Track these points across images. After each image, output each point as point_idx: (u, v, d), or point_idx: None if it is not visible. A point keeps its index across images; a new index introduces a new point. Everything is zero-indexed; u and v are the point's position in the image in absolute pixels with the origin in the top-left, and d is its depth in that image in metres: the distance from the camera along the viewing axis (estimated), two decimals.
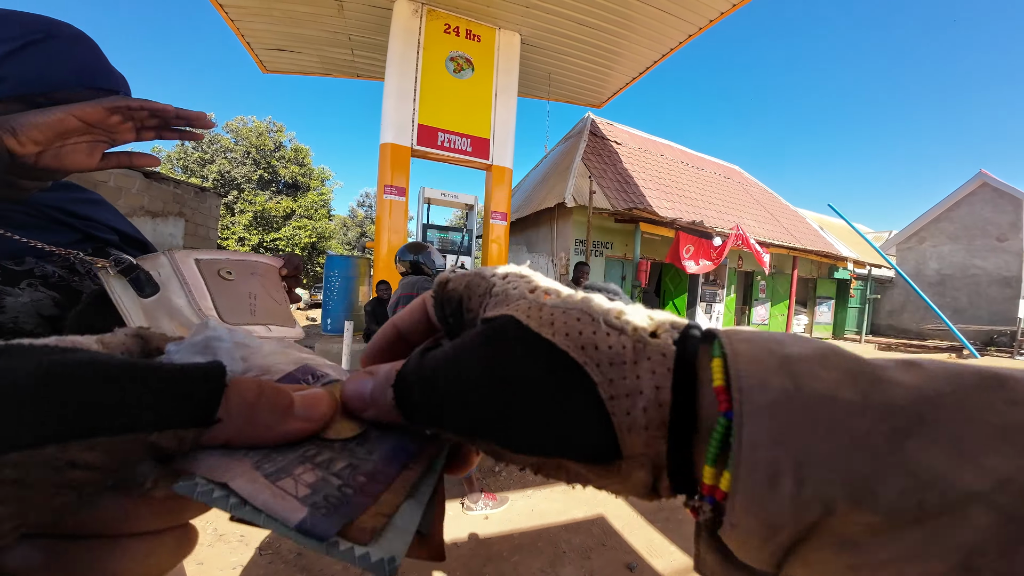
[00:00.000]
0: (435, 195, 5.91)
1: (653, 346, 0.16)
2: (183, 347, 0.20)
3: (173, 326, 0.51)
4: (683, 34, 5.81)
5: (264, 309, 0.60)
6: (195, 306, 0.52)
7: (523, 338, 0.17)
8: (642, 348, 0.16)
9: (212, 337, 0.20)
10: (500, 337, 0.17)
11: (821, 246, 10.53)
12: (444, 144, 5.60)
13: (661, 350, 0.16)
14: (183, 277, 0.52)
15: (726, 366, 0.15)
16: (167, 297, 0.52)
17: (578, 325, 0.17)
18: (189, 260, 0.54)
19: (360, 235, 26.88)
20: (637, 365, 0.15)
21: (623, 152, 9.09)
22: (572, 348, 0.16)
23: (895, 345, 11.02)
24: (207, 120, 0.55)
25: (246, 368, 0.21)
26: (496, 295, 0.20)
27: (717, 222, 8.31)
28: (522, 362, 0.17)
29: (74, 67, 0.51)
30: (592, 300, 0.18)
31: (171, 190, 7.16)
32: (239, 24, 5.75)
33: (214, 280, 0.55)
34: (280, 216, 18.07)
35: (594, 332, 0.16)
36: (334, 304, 6.61)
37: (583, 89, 7.53)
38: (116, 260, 0.51)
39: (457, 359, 0.18)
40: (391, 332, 0.24)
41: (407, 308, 0.24)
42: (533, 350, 0.17)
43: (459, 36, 5.68)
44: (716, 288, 8.02)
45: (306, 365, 0.23)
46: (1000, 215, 12.00)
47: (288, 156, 19.16)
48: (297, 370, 0.22)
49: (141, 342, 0.21)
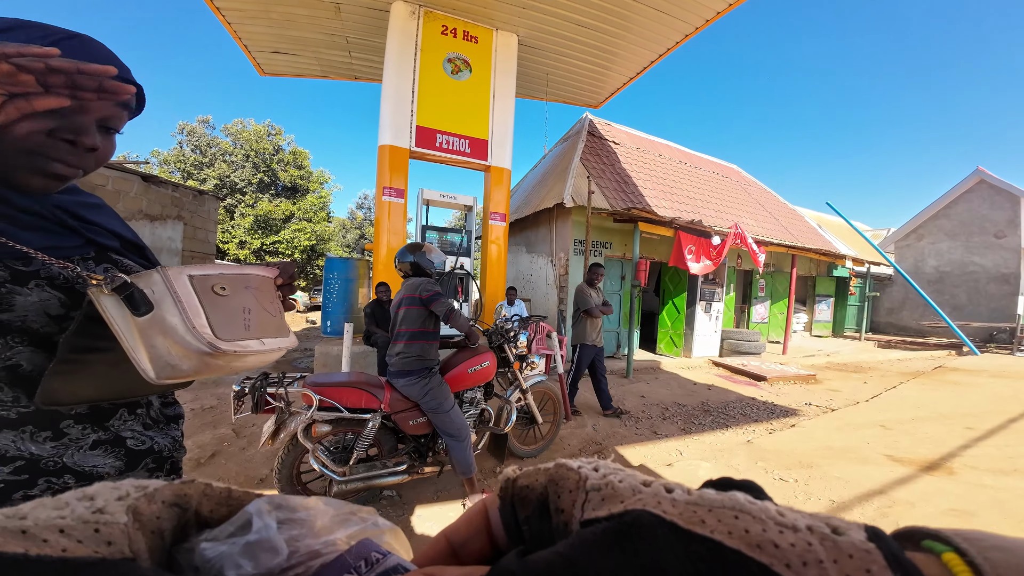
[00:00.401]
0: (434, 196, 5.91)
1: (848, 543, 0.13)
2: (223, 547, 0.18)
3: (167, 344, 0.51)
4: (680, 34, 5.82)
5: (258, 323, 0.60)
6: (189, 324, 0.51)
7: (673, 537, 0.14)
8: (833, 545, 0.13)
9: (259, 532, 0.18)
10: (639, 536, 0.14)
11: (820, 244, 10.55)
12: (442, 145, 5.61)
13: (862, 547, 0.13)
14: (177, 295, 0.52)
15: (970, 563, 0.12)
16: (161, 316, 0.51)
17: (739, 524, 0.14)
18: (183, 276, 0.54)
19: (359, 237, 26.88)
20: (839, 564, 0.13)
21: (621, 152, 9.10)
22: (746, 547, 0.13)
23: (895, 343, 11.03)
24: (108, 71, 0.51)
25: (292, 552, 0.19)
26: (598, 489, 0.17)
27: (716, 221, 8.31)
28: (682, 567, 0.13)
29: (103, 58, 0.54)
30: (737, 495, 0.15)
31: (169, 193, 7.16)
32: (236, 27, 5.75)
33: (208, 296, 0.55)
34: (280, 219, 18.07)
35: (763, 530, 0.14)
36: (334, 306, 6.61)
37: (581, 89, 7.55)
38: (110, 278, 0.51)
39: (578, 562, 0.14)
40: (443, 546, 0.20)
41: (463, 517, 0.20)
42: (692, 552, 0.13)
43: (456, 37, 5.68)
44: (715, 287, 8.02)
45: (363, 544, 0.21)
46: (998, 212, 12.03)
47: (287, 160, 19.16)
48: (350, 551, 0.20)
49: (177, 511, 0.18)
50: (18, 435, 0.53)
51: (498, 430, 2.58)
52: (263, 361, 0.61)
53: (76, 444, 0.57)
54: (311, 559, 0.19)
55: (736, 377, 6.47)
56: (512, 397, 2.69)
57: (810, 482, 2.70)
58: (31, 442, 0.54)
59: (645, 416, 4.24)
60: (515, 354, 2.69)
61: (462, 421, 2.20)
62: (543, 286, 7.97)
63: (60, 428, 0.56)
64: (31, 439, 0.54)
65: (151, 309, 0.51)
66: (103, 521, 0.15)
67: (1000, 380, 6.28)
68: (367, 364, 4.99)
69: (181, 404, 0.79)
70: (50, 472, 0.55)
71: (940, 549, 0.13)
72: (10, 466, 0.53)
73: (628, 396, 4.99)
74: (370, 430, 2.10)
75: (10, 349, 0.52)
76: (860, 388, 5.97)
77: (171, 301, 0.52)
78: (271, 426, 2.00)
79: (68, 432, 0.57)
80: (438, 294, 2.15)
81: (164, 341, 0.51)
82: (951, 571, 0.13)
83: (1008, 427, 3.85)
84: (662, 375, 6.41)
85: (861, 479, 2.74)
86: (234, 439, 3.20)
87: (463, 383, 2.38)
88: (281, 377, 2.00)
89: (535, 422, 2.92)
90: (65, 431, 0.57)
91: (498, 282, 6.08)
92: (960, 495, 2.55)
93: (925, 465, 3.04)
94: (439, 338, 2.26)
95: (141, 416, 0.66)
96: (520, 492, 0.19)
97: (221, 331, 0.54)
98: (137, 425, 0.65)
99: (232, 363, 0.56)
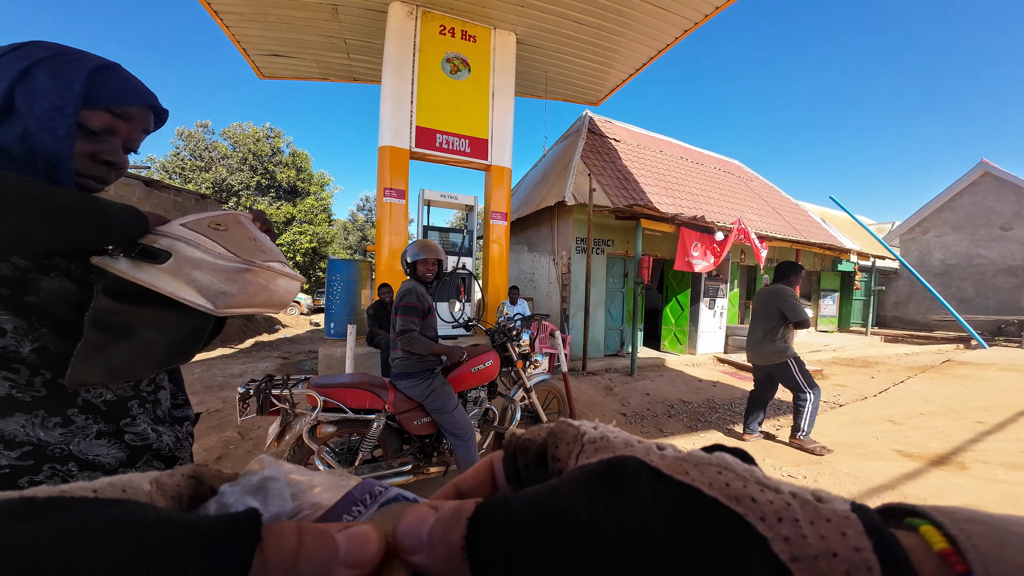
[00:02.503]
0: (435, 197, 5.90)
1: (828, 508, 0.14)
2: (237, 488, 0.20)
3: (206, 275, 0.54)
4: (679, 29, 5.79)
5: (268, 248, 0.63)
6: (215, 251, 0.54)
7: (655, 481, 0.14)
8: (813, 509, 0.13)
9: (267, 477, 0.20)
10: (623, 476, 0.15)
11: (824, 239, 10.48)
12: (442, 145, 5.60)
13: (842, 513, 0.13)
14: (183, 237, 0.54)
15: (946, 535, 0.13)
16: (184, 255, 0.53)
17: (721, 478, 0.14)
18: (175, 225, 0.55)
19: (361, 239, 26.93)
20: (815, 526, 0.13)
21: (622, 149, 9.07)
22: (724, 498, 0.14)
23: (901, 337, 10.95)
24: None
25: (297, 507, 0.20)
26: (593, 441, 0.18)
27: (718, 217, 8.27)
28: (659, 508, 0.14)
29: (136, 89, 0.63)
30: (726, 456, 0.16)
31: (171, 198, 7.19)
32: (235, 30, 5.77)
33: (211, 232, 0.56)
34: (281, 222, 18.10)
35: (744, 486, 0.14)
36: (336, 308, 6.61)
37: (580, 87, 7.52)
38: (111, 250, 0.54)
39: (563, 494, 0.15)
40: (451, 492, 0.21)
41: (471, 469, 0.22)
42: (671, 496, 0.14)
43: (455, 37, 5.67)
44: (719, 283, 7.97)
45: (367, 482, 0.22)
46: (1003, 204, 11.91)
47: (286, 161, 19.19)
48: (356, 488, 0.21)
49: (195, 482, 0.20)
50: (29, 420, 0.55)
51: (502, 429, 2.56)
52: (290, 289, 0.65)
53: (83, 432, 0.59)
54: (314, 512, 0.20)
55: (742, 374, 6.43)
56: (516, 396, 2.68)
57: (819, 478, 2.67)
58: (40, 428, 0.56)
59: (651, 414, 4.21)
60: (518, 353, 2.68)
61: (467, 421, 2.18)
62: (545, 285, 7.95)
63: (68, 415, 0.58)
64: (41, 425, 0.56)
65: (169, 255, 0.53)
66: (131, 485, 0.17)
67: (1010, 373, 6.21)
68: (371, 365, 4.99)
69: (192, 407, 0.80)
70: (55, 459, 0.57)
71: (918, 523, 0.14)
72: (17, 451, 0.54)
73: (633, 394, 4.96)
74: (375, 431, 2.10)
75: (35, 331, 0.54)
76: (867, 383, 5.92)
77: (183, 243, 0.54)
78: (276, 428, 1.99)
79: (75, 420, 0.58)
80: (410, 307, 2.06)
81: (201, 273, 0.53)
82: (927, 542, 0.13)
83: (1019, 420, 3.80)
84: (667, 372, 6.37)
85: (871, 475, 2.71)
86: (240, 442, 3.20)
87: (466, 383, 2.36)
88: (286, 379, 2.00)
89: (540, 421, 2.91)
90: (73, 418, 0.58)
91: (500, 282, 6.06)
92: (973, 490, 2.52)
93: (936, 460, 3.00)
94: (437, 341, 2.23)
95: (149, 411, 0.68)
96: (522, 444, 0.20)
97: (241, 253, 0.56)
98: (144, 420, 0.67)
99: (271, 282, 0.60)
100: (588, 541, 0.13)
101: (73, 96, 0.54)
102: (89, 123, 0.57)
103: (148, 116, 0.66)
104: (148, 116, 0.66)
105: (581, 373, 6.01)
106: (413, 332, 2.05)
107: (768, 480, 0.15)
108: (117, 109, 0.60)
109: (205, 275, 0.53)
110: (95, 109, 0.57)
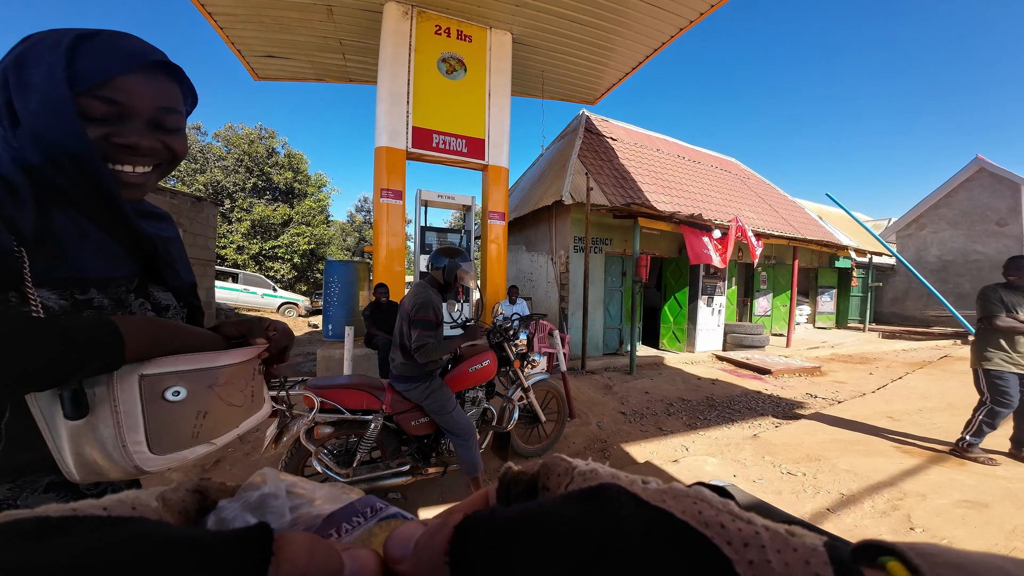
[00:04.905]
0: (432, 197, 5.89)
1: (798, 541, 0.14)
2: (236, 505, 0.20)
3: (94, 455, 0.47)
4: (674, 28, 5.79)
5: (213, 425, 0.55)
6: (121, 440, 0.47)
7: (633, 504, 0.15)
8: (783, 540, 0.14)
9: (267, 495, 0.21)
10: (604, 498, 0.16)
11: (821, 235, 10.49)
12: (439, 146, 5.59)
13: (808, 543, 0.14)
14: (116, 403, 0.47)
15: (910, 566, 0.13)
16: (95, 423, 0.47)
17: (695, 507, 0.15)
18: (133, 378, 0.48)
19: (359, 240, 26.87)
20: (781, 554, 0.13)
21: (619, 148, 9.07)
22: (695, 523, 0.15)
23: (899, 333, 10.98)
24: None
25: (295, 519, 0.21)
26: (582, 473, 0.19)
27: (716, 215, 8.28)
28: (633, 523, 0.15)
29: (125, 51, 0.54)
30: (704, 490, 0.17)
31: (167, 200, 7.15)
32: (228, 31, 5.74)
33: (155, 405, 0.49)
34: (278, 223, 18.03)
35: (716, 515, 0.15)
36: (334, 310, 6.59)
37: (576, 86, 7.52)
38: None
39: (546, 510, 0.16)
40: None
41: (467, 499, 0.22)
42: (647, 516, 0.15)
43: (450, 37, 5.66)
44: (717, 280, 7.97)
45: (368, 497, 0.23)
46: (998, 200, 11.96)
47: (281, 163, 19.11)
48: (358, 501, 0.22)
49: (199, 496, 0.21)
50: None
51: (500, 429, 2.56)
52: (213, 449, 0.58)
53: (31, 487, 0.54)
54: (315, 522, 0.21)
55: (740, 371, 6.43)
56: (514, 396, 2.67)
57: (818, 475, 2.67)
58: None
59: (650, 412, 4.21)
60: (515, 353, 2.67)
61: (466, 421, 2.17)
62: (544, 284, 7.94)
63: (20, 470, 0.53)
64: None
65: (85, 414, 0.46)
66: (139, 502, 0.18)
67: None
68: (369, 367, 4.98)
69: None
70: None
71: (887, 561, 0.14)
72: None
73: (632, 393, 4.96)
74: (372, 431, 2.08)
75: None
76: (866, 379, 5.93)
77: (109, 410, 0.47)
78: (274, 430, 1.98)
79: (26, 475, 0.54)
80: (427, 322, 2.01)
81: (91, 452, 0.47)
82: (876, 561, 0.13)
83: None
84: (666, 371, 6.38)
85: (870, 471, 2.71)
86: (238, 444, 3.18)
87: (464, 383, 2.35)
88: (283, 381, 1.98)
89: (538, 421, 2.90)
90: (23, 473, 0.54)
91: (498, 281, 6.05)
92: (973, 486, 2.52)
93: (935, 456, 3.01)
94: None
95: None
96: (516, 476, 0.21)
97: (159, 445, 0.50)
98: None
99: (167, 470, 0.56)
100: (564, 541, 0.14)
101: (56, 81, 0.49)
102: (88, 108, 0.52)
103: (159, 80, 0.57)
104: (159, 80, 0.57)
105: (580, 372, 6.01)
106: (430, 344, 2.01)
107: (741, 513, 0.15)
108: (109, 83, 0.52)
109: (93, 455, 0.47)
110: (84, 89, 0.51)
